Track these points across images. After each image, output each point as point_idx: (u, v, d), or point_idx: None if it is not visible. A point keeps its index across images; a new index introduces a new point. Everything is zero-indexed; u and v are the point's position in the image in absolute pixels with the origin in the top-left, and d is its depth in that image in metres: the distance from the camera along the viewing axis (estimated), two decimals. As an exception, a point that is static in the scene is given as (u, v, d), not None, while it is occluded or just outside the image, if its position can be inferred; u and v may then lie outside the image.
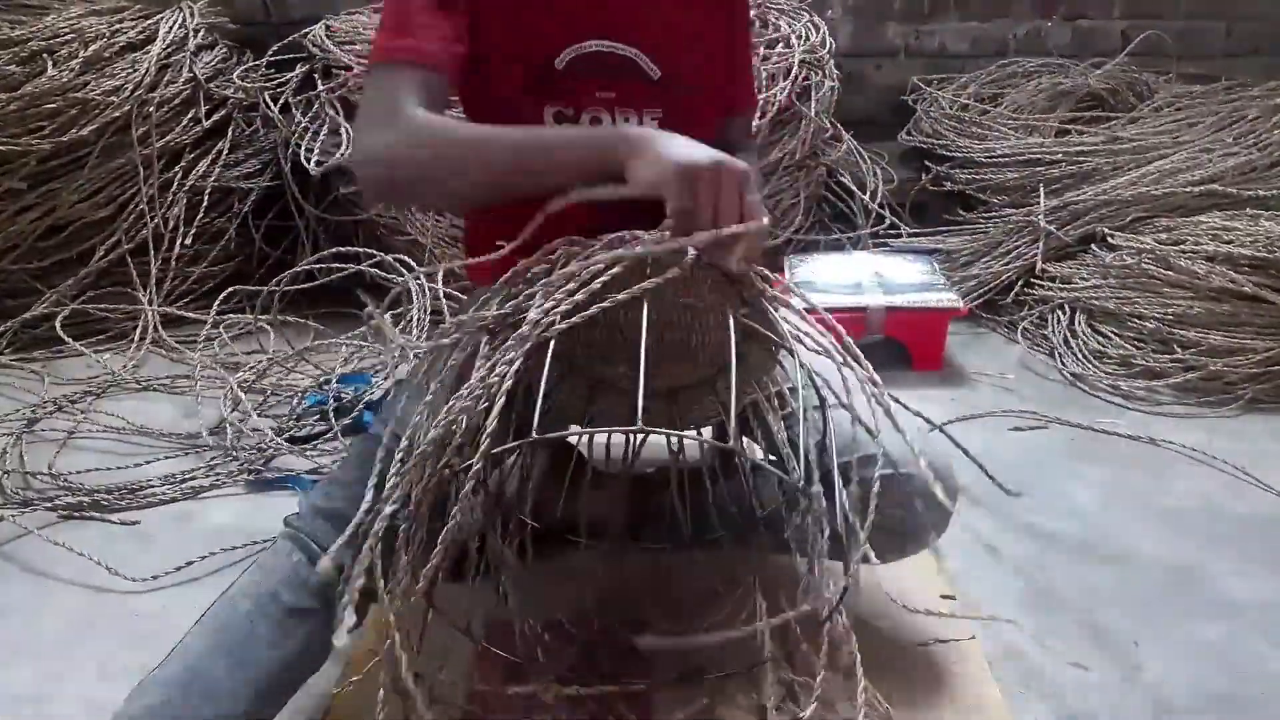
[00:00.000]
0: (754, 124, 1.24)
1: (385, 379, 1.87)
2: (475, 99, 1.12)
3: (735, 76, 1.23)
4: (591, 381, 0.94)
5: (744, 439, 1.08)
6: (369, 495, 0.81)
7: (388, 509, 0.75)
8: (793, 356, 0.86)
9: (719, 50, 1.17)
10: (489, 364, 0.78)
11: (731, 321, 0.82)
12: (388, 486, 0.78)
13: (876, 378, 0.87)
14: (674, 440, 1.09)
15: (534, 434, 0.73)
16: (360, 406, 1.74)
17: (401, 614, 0.75)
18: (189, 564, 1.34)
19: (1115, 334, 2.01)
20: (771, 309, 0.88)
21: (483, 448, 0.72)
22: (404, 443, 0.82)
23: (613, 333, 0.89)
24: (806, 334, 0.89)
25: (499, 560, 0.96)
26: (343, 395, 1.79)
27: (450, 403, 0.76)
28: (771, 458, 0.96)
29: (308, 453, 1.65)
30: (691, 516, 1.13)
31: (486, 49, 1.05)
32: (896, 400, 0.88)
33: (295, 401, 1.81)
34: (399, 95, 0.93)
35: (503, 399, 0.74)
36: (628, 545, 1.18)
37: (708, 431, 1.04)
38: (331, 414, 1.72)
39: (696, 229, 0.80)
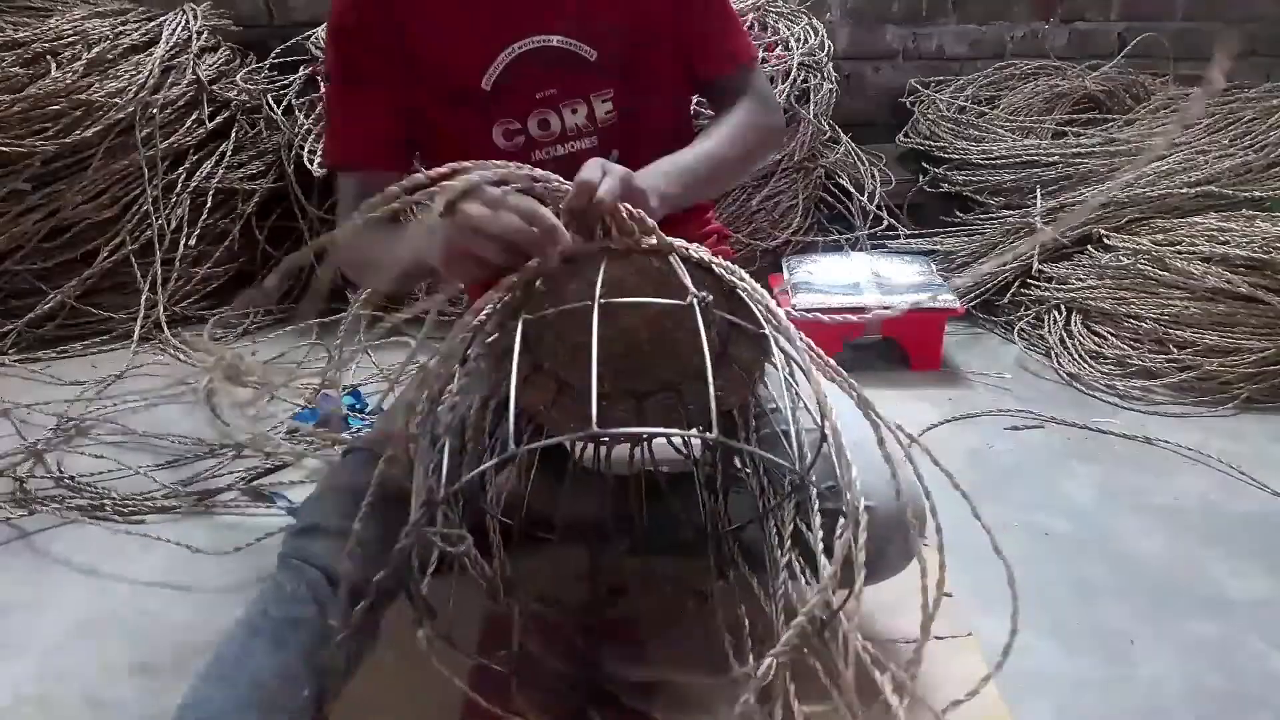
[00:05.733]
0: (755, 75, 1.19)
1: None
2: (429, 141, 1.15)
3: (710, 36, 1.17)
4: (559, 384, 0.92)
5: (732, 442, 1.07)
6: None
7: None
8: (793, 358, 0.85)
9: (659, 12, 1.12)
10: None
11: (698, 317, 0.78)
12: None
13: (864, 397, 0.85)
14: (642, 446, 1.09)
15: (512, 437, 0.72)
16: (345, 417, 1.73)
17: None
18: (190, 565, 1.35)
19: (1111, 334, 2.02)
20: (756, 303, 0.85)
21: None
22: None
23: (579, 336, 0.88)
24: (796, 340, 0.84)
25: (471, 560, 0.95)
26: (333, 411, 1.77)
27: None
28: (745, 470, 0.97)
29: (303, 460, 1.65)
30: (668, 524, 1.12)
31: (420, 99, 1.11)
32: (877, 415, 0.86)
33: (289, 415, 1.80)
34: (342, 204, 1.13)
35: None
36: (605, 546, 1.16)
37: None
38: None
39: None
